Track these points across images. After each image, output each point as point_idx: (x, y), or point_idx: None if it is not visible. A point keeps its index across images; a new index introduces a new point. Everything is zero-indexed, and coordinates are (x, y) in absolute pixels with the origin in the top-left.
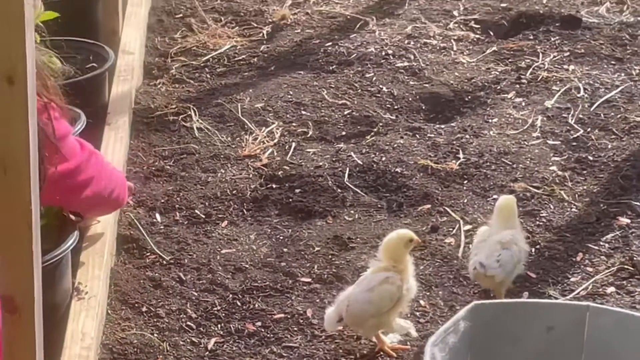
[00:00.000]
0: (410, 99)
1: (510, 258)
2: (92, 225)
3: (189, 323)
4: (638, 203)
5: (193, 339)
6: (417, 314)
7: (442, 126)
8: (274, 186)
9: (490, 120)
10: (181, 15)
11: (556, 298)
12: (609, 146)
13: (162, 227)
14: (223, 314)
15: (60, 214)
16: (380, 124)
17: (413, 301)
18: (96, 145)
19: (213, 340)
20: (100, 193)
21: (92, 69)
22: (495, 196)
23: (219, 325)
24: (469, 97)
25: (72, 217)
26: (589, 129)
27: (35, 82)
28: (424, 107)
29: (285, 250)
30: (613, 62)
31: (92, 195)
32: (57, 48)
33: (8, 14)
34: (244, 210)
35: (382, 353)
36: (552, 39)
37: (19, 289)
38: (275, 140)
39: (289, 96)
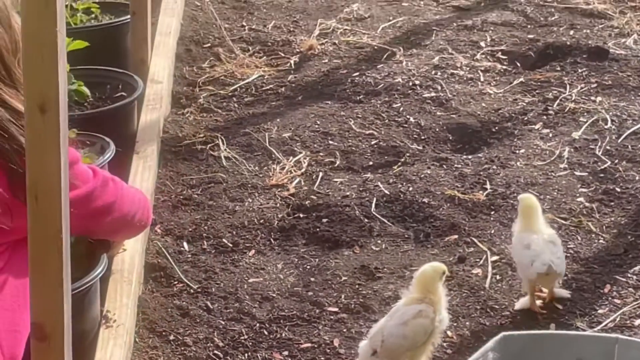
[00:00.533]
0: (437, 130)
1: (562, 254)
2: (120, 254)
3: (216, 352)
4: None
5: None
6: (445, 344)
7: (469, 157)
8: (301, 215)
9: (517, 151)
10: (209, 44)
11: (584, 330)
12: (637, 178)
13: (189, 255)
14: (250, 343)
15: (89, 242)
16: (407, 154)
17: None
18: (124, 173)
19: None
20: (125, 217)
21: (121, 98)
22: None
23: (246, 355)
24: (496, 127)
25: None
26: (616, 161)
27: (67, 110)
28: (451, 138)
29: (312, 279)
30: None
31: (115, 221)
32: (86, 77)
33: (41, 44)
34: (271, 240)
35: None
36: (580, 71)
37: (48, 317)
38: (303, 170)
39: (317, 126)
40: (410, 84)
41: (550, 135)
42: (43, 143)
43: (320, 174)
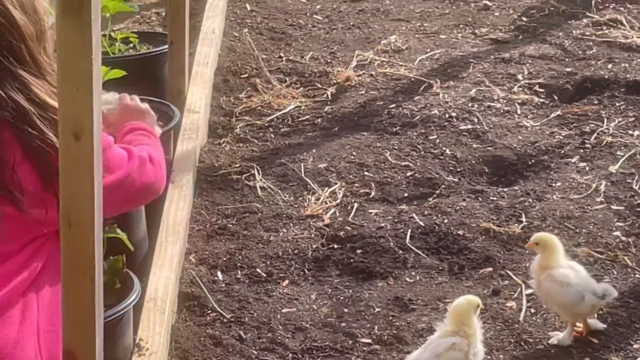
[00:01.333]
0: (473, 162)
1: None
2: (154, 282)
3: None
4: None
5: None
6: None
7: (505, 189)
8: (335, 246)
9: (553, 185)
10: (247, 75)
11: None
12: None
13: (223, 285)
14: None
15: (123, 270)
16: (443, 186)
17: None
18: (160, 202)
19: None
20: (158, 193)
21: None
22: None
23: None
24: (532, 160)
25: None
26: None
27: (101, 138)
28: (486, 170)
29: (345, 310)
30: None
31: (151, 198)
32: None
33: (76, 72)
34: (305, 270)
35: None
36: (617, 104)
37: (80, 344)
38: (338, 201)
39: (352, 157)
40: (447, 116)
41: (587, 168)
42: (77, 170)
43: (355, 205)
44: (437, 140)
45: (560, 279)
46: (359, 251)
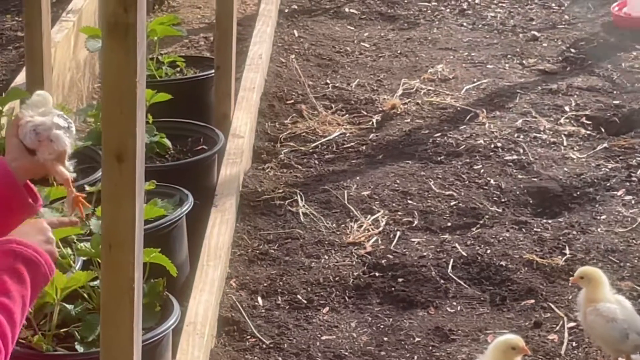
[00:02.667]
0: (517, 193)
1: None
2: (193, 306)
3: None
4: None
5: None
6: None
7: (549, 221)
8: (376, 274)
9: (598, 217)
10: (292, 101)
11: None
12: None
13: (263, 310)
14: None
15: (163, 294)
16: (487, 217)
17: None
18: (202, 226)
19: None
20: None
21: (202, 151)
22: None
23: None
24: (578, 192)
25: None
26: None
27: (144, 161)
28: (531, 201)
29: (385, 339)
30: None
31: None
32: (169, 129)
33: (120, 95)
34: (346, 298)
35: None
36: None
37: None
38: (380, 229)
39: (396, 185)
40: (492, 146)
41: (633, 202)
42: (119, 192)
43: (398, 233)
44: (482, 170)
45: (606, 313)
46: (400, 280)
